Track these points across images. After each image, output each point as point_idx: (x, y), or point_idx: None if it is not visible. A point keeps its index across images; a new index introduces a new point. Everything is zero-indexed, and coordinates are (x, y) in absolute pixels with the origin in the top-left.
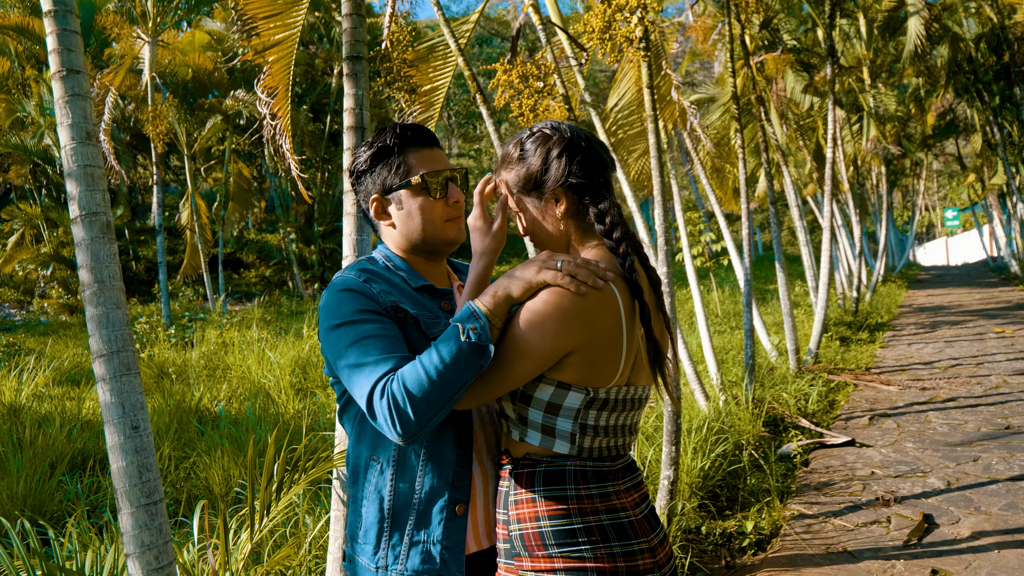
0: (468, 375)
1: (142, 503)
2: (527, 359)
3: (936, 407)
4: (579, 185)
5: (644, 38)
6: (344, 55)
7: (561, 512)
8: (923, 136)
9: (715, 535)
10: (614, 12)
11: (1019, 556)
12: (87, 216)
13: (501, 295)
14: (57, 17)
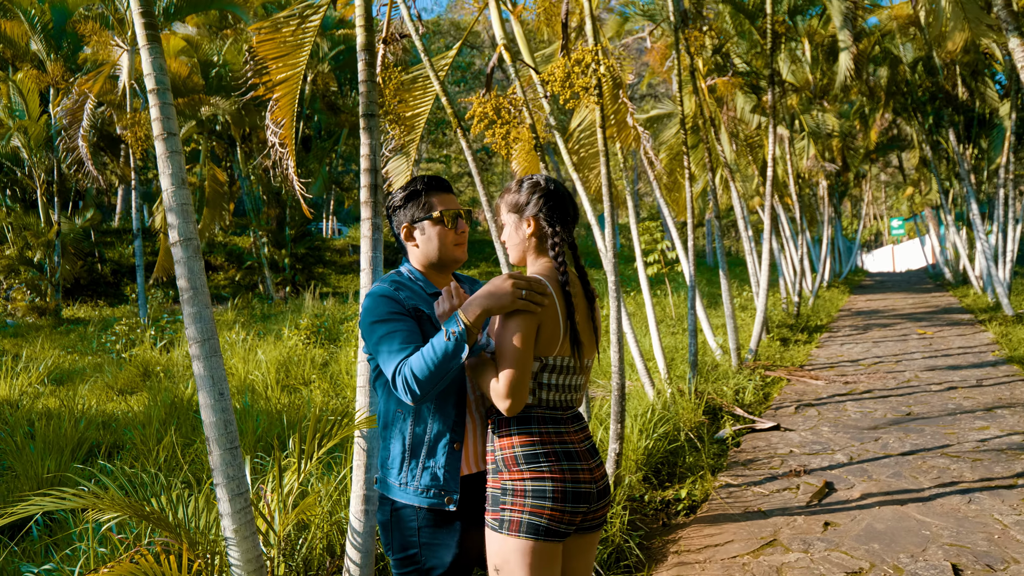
0: (453, 363)
1: (227, 447)
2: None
3: (854, 398)
4: (545, 219)
5: (597, 87)
6: (361, 113)
7: (529, 442)
8: (867, 151)
9: (655, 502)
10: (573, 65)
11: (893, 510)
12: (184, 241)
13: (481, 311)
14: (159, 94)
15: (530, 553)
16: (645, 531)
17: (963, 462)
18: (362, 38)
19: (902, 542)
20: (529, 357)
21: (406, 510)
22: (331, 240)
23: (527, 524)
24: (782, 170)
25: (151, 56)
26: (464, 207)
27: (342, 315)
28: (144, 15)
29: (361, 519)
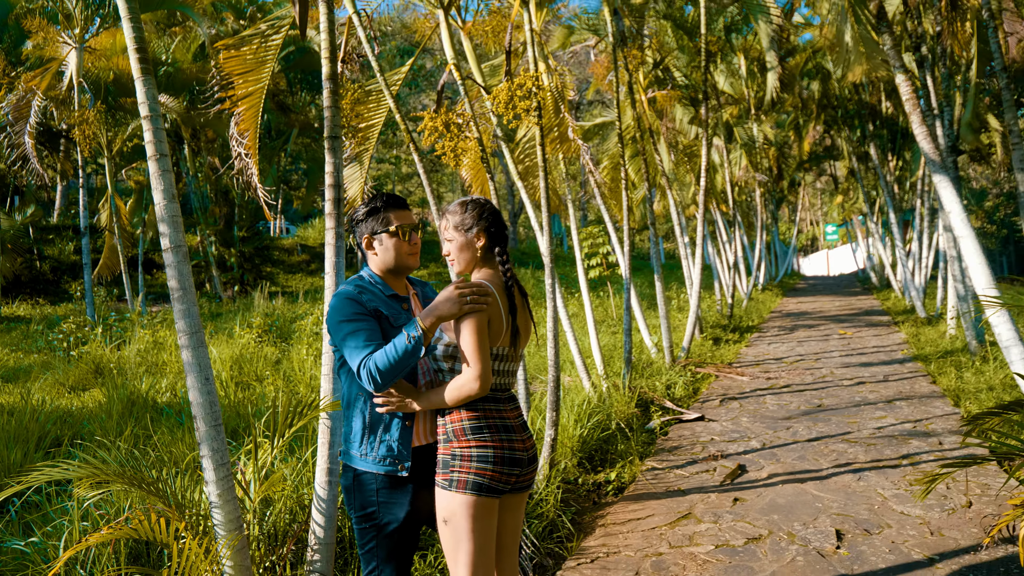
0: (411, 360)
1: (212, 423)
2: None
3: (773, 392)
4: (492, 233)
5: (537, 109)
6: (326, 135)
7: (474, 417)
8: (800, 160)
9: (588, 484)
10: (515, 89)
11: (794, 487)
12: (175, 248)
13: (435, 319)
14: (152, 120)
15: (474, 506)
16: (577, 508)
17: (859, 446)
18: (327, 68)
19: (798, 513)
20: (487, 348)
21: (366, 476)
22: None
23: (472, 483)
24: (720, 178)
25: (145, 87)
26: (416, 217)
27: (292, 314)
28: (138, 51)
29: (325, 487)
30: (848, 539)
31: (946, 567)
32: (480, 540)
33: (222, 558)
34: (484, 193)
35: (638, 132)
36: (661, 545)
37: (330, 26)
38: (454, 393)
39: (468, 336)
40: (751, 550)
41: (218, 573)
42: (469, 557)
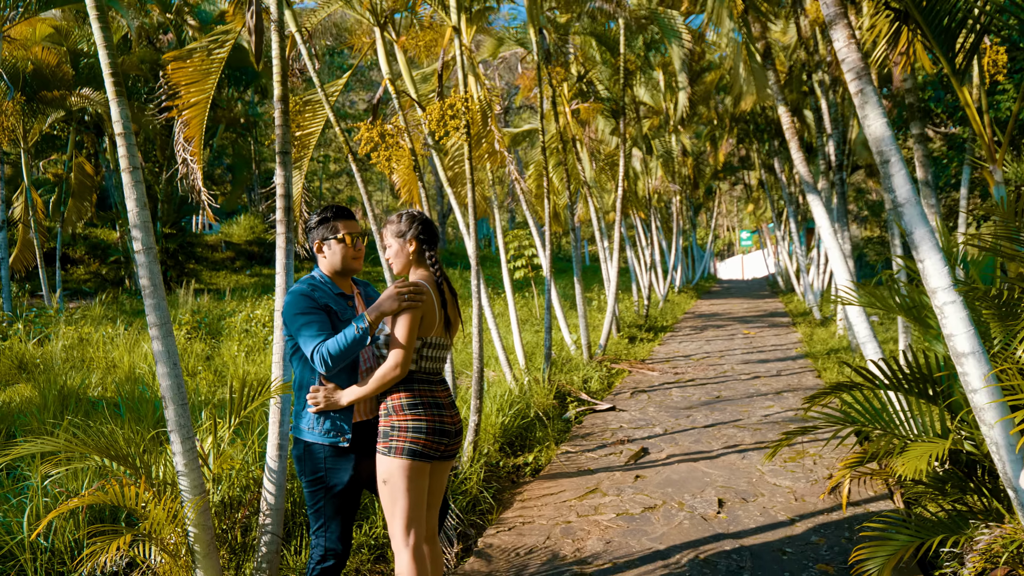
0: (358, 348)
1: (179, 403)
2: (412, 332)
3: (679, 385)
4: (422, 239)
5: (466, 127)
6: (277, 150)
7: (410, 395)
8: (715, 170)
9: (508, 466)
10: (447, 109)
11: (688, 466)
12: (146, 249)
13: (378, 314)
14: (125, 136)
15: (408, 469)
16: (498, 487)
17: (747, 431)
18: (278, 91)
19: (689, 486)
20: (413, 342)
21: (315, 446)
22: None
23: (408, 449)
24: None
25: (119, 108)
26: (363, 232)
27: (220, 312)
28: (113, 75)
29: (276, 460)
30: (728, 506)
31: (803, 525)
32: (413, 497)
33: (188, 519)
34: (414, 196)
35: (561, 143)
36: (570, 515)
37: (281, 52)
38: (378, 380)
39: (401, 329)
40: (647, 517)
41: (183, 533)
42: (404, 511)
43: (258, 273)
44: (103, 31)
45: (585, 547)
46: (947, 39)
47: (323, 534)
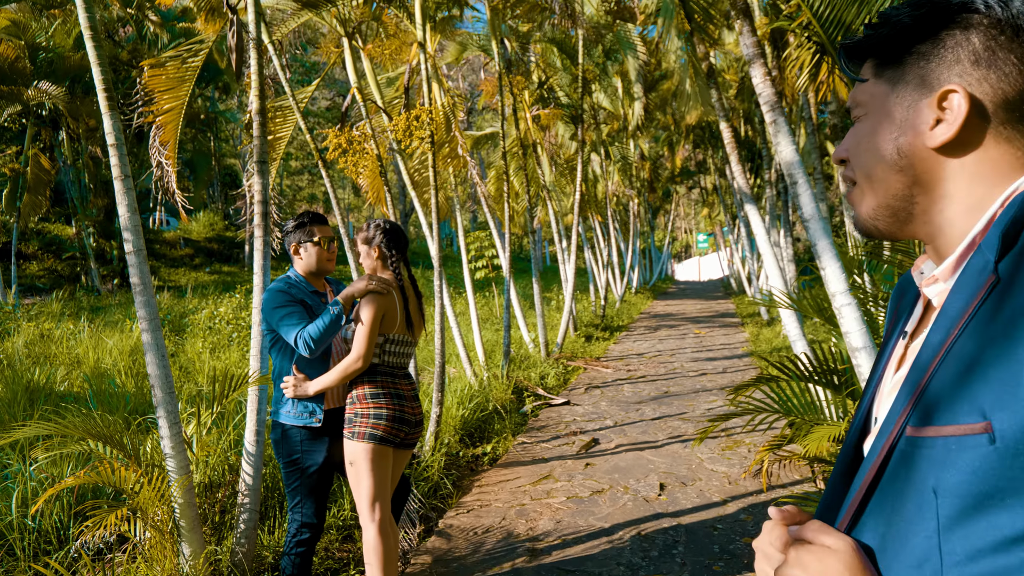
0: (334, 329)
1: (167, 391)
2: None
3: (631, 382)
4: (385, 247)
5: (431, 137)
6: (255, 159)
7: (374, 386)
8: (672, 174)
9: (468, 456)
10: (412, 120)
11: (635, 454)
12: (137, 251)
13: (348, 295)
14: (118, 147)
15: (371, 452)
16: (458, 474)
17: (690, 423)
18: (256, 104)
19: (634, 472)
20: (374, 337)
21: (292, 430)
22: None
23: (368, 434)
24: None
25: (111, 120)
26: (334, 236)
27: (183, 309)
28: (105, 91)
29: (253, 444)
30: (668, 489)
31: (734, 505)
32: (377, 477)
33: (174, 497)
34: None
35: (522, 148)
36: (525, 499)
37: (259, 69)
38: (342, 371)
39: (362, 325)
40: (594, 499)
41: (170, 510)
42: (370, 490)
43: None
44: (96, 49)
45: (537, 526)
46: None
47: (299, 510)
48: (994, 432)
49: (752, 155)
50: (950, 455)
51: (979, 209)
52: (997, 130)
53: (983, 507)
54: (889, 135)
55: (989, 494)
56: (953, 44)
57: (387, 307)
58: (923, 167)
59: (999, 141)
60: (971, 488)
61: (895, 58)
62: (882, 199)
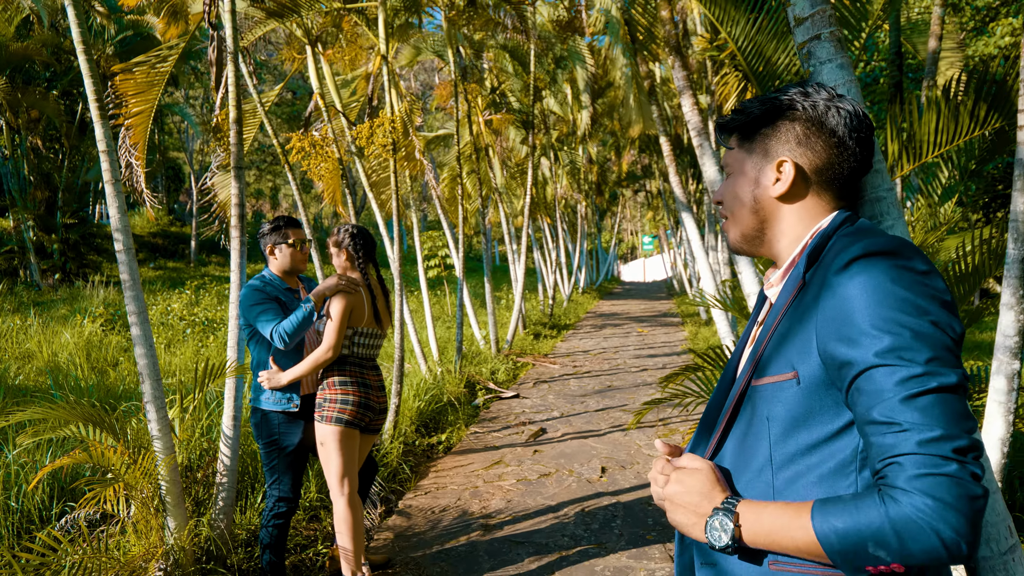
0: (307, 325)
1: (154, 378)
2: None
3: (577, 377)
4: (354, 248)
5: (393, 144)
6: (233, 164)
7: (343, 375)
8: (618, 178)
9: (424, 445)
10: (376, 126)
11: (579, 442)
12: (126, 250)
13: (319, 293)
14: (109, 154)
15: (339, 434)
16: (415, 461)
17: (630, 414)
18: (234, 114)
19: (579, 458)
20: (343, 329)
21: (271, 414)
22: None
23: (336, 418)
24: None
25: (103, 128)
26: (308, 239)
27: None
28: (97, 100)
29: (231, 428)
30: (609, 472)
31: None
32: (345, 457)
33: (161, 475)
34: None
35: (475, 151)
36: (478, 482)
37: (236, 80)
38: (313, 360)
39: (332, 319)
40: (542, 482)
41: (156, 487)
42: (339, 467)
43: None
44: (88, 63)
45: (490, 505)
46: None
47: (277, 487)
48: (799, 377)
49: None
50: (775, 394)
51: (799, 240)
52: (812, 188)
53: (794, 427)
54: (747, 187)
55: (797, 418)
56: (785, 129)
57: (355, 303)
58: (768, 210)
59: (813, 195)
60: (787, 415)
61: (750, 135)
62: (742, 230)
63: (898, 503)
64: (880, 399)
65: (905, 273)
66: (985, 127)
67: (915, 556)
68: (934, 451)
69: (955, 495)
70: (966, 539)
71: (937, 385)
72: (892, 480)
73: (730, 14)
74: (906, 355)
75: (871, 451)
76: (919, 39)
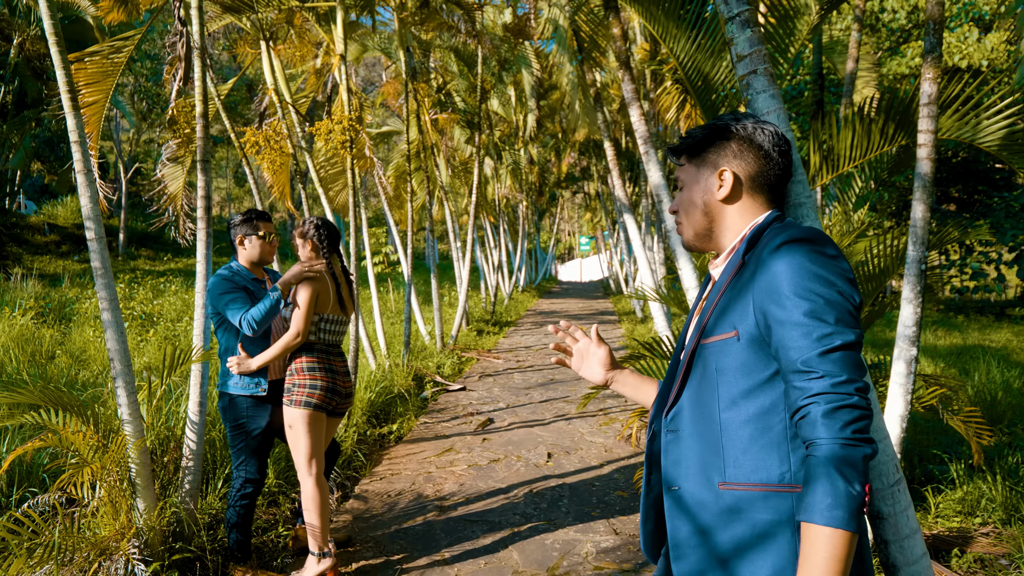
0: (274, 312)
1: (125, 363)
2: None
3: (520, 371)
4: (319, 239)
5: (350, 142)
6: (198, 158)
7: (310, 360)
8: (558, 179)
9: (375, 435)
10: (335, 125)
11: (526, 430)
12: (98, 239)
13: (285, 282)
14: (81, 144)
15: (307, 417)
16: (368, 450)
17: (573, 404)
18: (200, 108)
19: (526, 445)
20: (310, 315)
21: (238, 398)
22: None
23: (304, 402)
24: (490, 191)
25: (75, 119)
26: (276, 231)
27: (63, 297)
28: (69, 93)
29: (197, 413)
30: (555, 457)
31: (609, 467)
32: (313, 438)
33: (131, 457)
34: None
35: (425, 151)
36: (431, 468)
37: (203, 76)
38: (282, 345)
39: (299, 305)
40: (492, 467)
41: (126, 469)
42: (307, 449)
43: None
44: (61, 54)
45: (443, 488)
46: (712, 110)
47: (244, 468)
48: (739, 335)
49: (632, 165)
50: (721, 349)
51: (739, 233)
52: (748, 191)
53: (736, 375)
54: (698, 194)
55: (738, 368)
56: (724, 147)
57: (320, 290)
58: (715, 211)
59: (748, 197)
60: (731, 366)
61: (697, 154)
62: (696, 230)
63: (820, 447)
64: (802, 352)
65: (819, 256)
66: (893, 143)
67: (859, 464)
68: (843, 390)
69: (858, 415)
70: (869, 436)
71: (842, 343)
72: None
73: (671, 32)
74: (820, 316)
75: (793, 393)
76: (839, 58)
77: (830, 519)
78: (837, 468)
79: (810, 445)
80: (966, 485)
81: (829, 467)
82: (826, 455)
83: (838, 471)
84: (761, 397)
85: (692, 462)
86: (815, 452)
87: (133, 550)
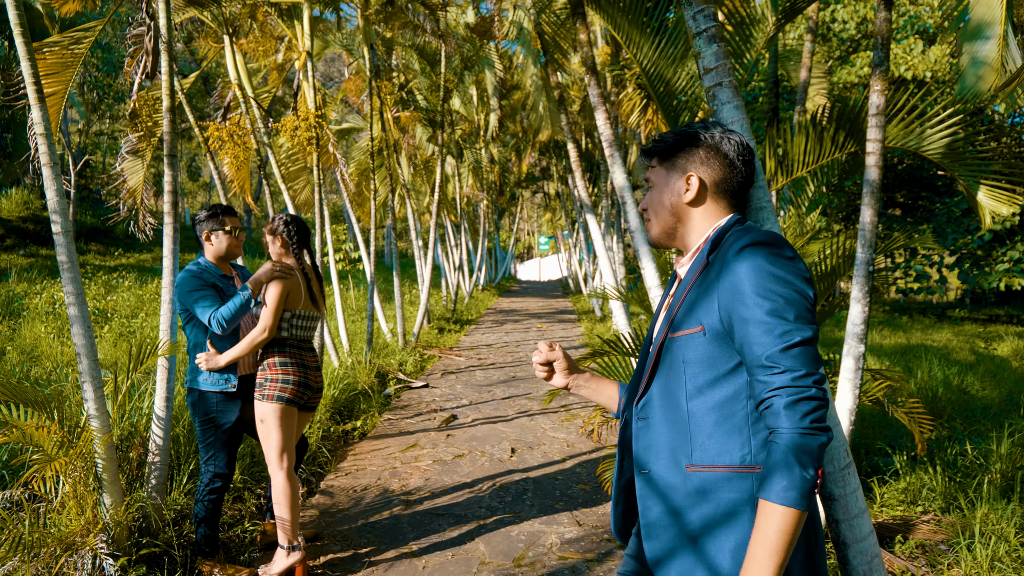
0: (243, 311)
1: (92, 358)
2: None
3: (482, 368)
4: (288, 235)
5: (316, 139)
6: (165, 152)
7: (282, 355)
8: (518, 179)
9: (339, 431)
10: (301, 121)
11: (489, 426)
12: (64, 232)
13: (256, 280)
14: (47, 137)
15: (279, 411)
16: (332, 446)
17: (535, 401)
18: (167, 103)
19: (490, 440)
20: (279, 311)
21: (208, 394)
22: None
23: (276, 396)
24: (451, 189)
25: (40, 112)
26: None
27: (10, 292)
28: (35, 84)
29: (163, 408)
30: (518, 452)
31: (571, 462)
32: (284, 433)
33: (97, 452)
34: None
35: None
36: (396, 463)
37: (170, 69)
38: (249, 341)
39: (268, 302)
40: (456, 462)
41: (92, 464)
42: (278, 443)
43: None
44: (26, 45)
45: (409, 483)
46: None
47: (213, 463)
48: (705, 330)
49: (592, 166)
50: (688, 343)
51: (703, 234)
52: (713, 195)
53: (702, 367)
54: (667, 196)
55: (703, 360)
56: (692, 152)
57: (291, 287)
58: (681, 212)
59: (712, 201)
60: (697, 358)
61: (668, 157)
62: (663, 228)
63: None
64: (765, 348)
65: (778, 258)
66: (843, 151)
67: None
68: (802, 383)
69: (815, 405)
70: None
71: (800, 339)
72: (775, 409)
73: (634, 39)
74: (781, 314)
75: (758, 386)
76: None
77: (784, 499)
78: (795, 455)
79: (773, 433)
80: (909, 476)
81: (788, 454)
82: (787, 443)
83: (796, 457)
84: (724, 387)
85: (662, 447)
86: (777, 440)
87: (101, 545)
